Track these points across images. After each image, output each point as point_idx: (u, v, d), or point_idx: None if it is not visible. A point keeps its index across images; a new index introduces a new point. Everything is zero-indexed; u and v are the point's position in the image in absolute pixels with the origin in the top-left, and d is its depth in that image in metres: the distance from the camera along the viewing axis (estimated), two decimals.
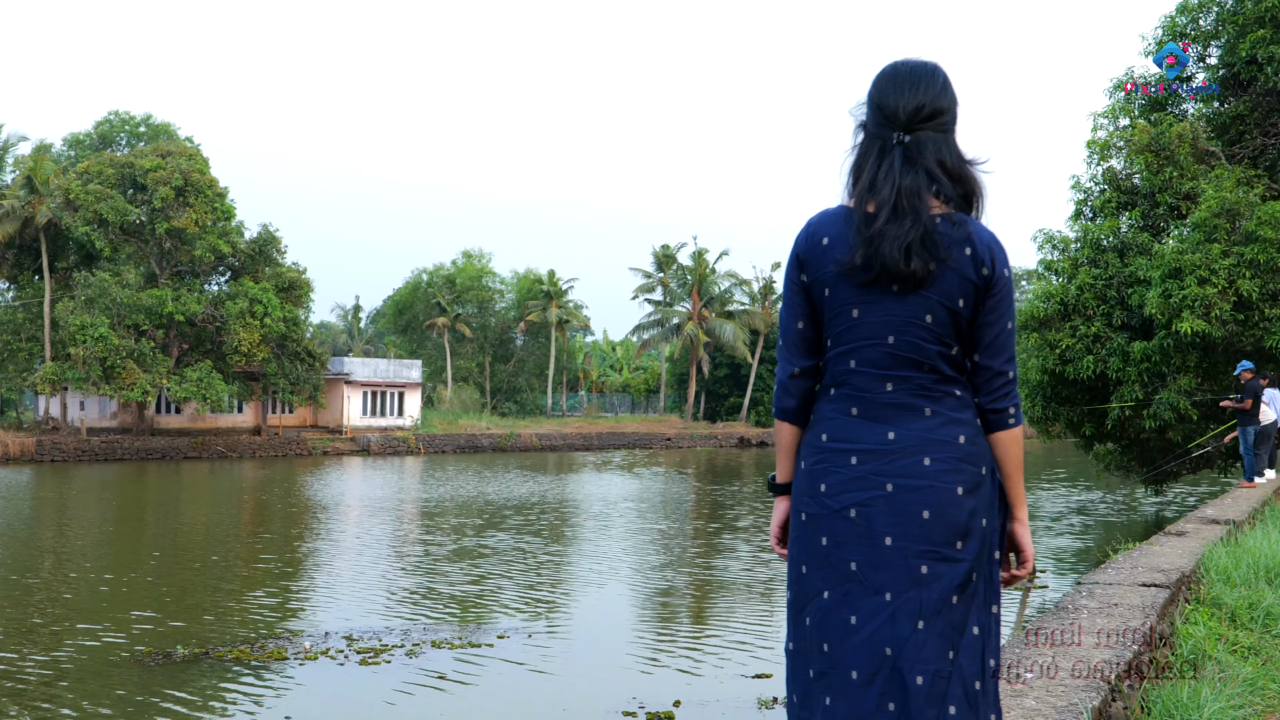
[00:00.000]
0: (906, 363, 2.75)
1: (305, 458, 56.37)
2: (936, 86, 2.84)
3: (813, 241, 2.83)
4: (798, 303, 2.88)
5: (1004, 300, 2.79)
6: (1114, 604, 7.21)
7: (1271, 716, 6.40)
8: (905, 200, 2.71)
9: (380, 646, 13.39)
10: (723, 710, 10.70)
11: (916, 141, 2.78)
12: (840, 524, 2.74)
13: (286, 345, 57.12)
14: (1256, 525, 13.52)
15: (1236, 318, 21.07)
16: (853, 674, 2.68)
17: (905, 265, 2.68)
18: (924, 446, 2.73)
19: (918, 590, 2.68)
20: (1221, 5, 25.81)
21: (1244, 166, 23.96)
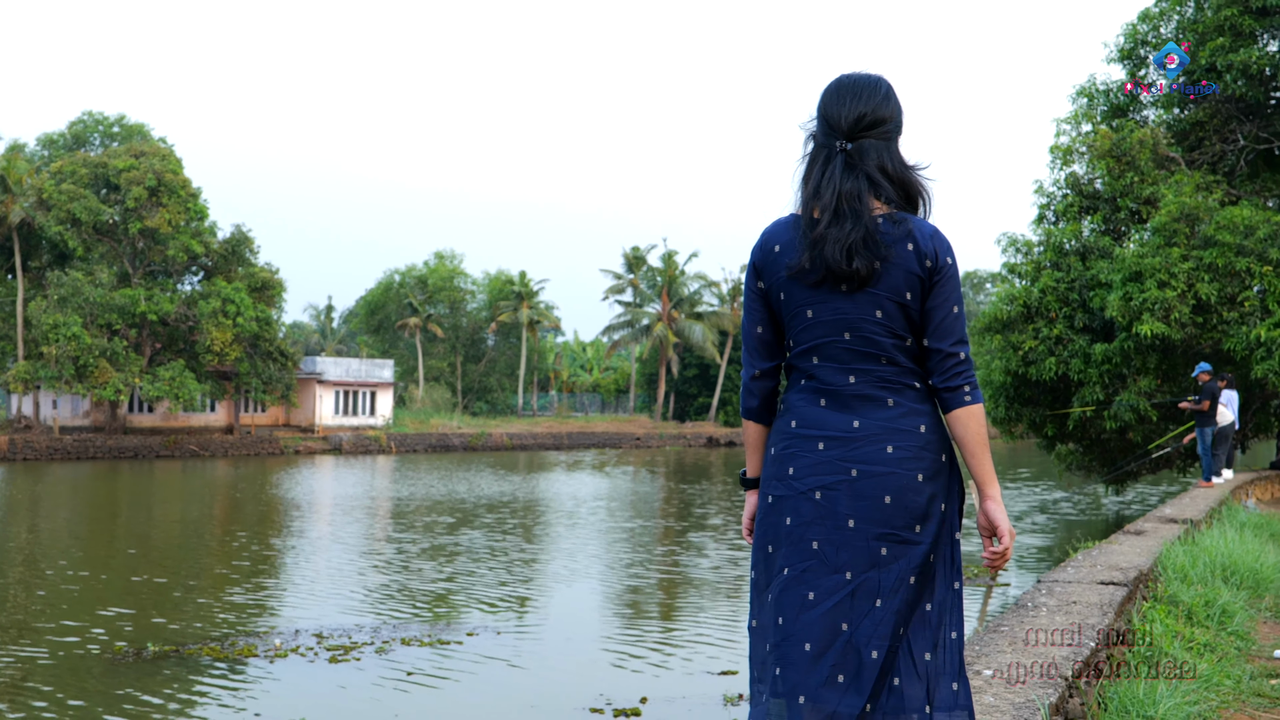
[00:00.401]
0: (864, 356, 2.91)
1: (277, 456, 56.11)
2: (878, 97, 2.99)
3: (766, 249, 3.00)
4: (756, 309, 3.05)
5: (949, 286, 2.91)
6: (1073, 602, 7.26)
7: (1226, 712, 6.46)
8: (846, 203, 2.86)
9: (350, 644, 13.34)
10: (689, 707, 10.71)
11: (859, 149, 2.93)
12: (805, 504, 2.89)
13: (259, 345, 56.86)
14: (1213, 524, 13.62)
15: (1195, 320, 21.22)
16: (805, 646, 2.81)
17: (847, 265, 2.83)
18: (887, 435, 2.88)
19: (877, 571, 2.83)
20: (1182, 14, 25.97)
21: (1203, 172, 24.13)
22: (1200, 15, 25.25)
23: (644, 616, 16.11)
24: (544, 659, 12.98)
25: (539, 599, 17.15)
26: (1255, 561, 10.84)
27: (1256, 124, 25.14)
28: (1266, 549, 12.04)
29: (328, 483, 40.55)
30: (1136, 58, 27.36)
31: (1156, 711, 5.75)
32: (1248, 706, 6.64)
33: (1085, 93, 28.18)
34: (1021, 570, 19.26)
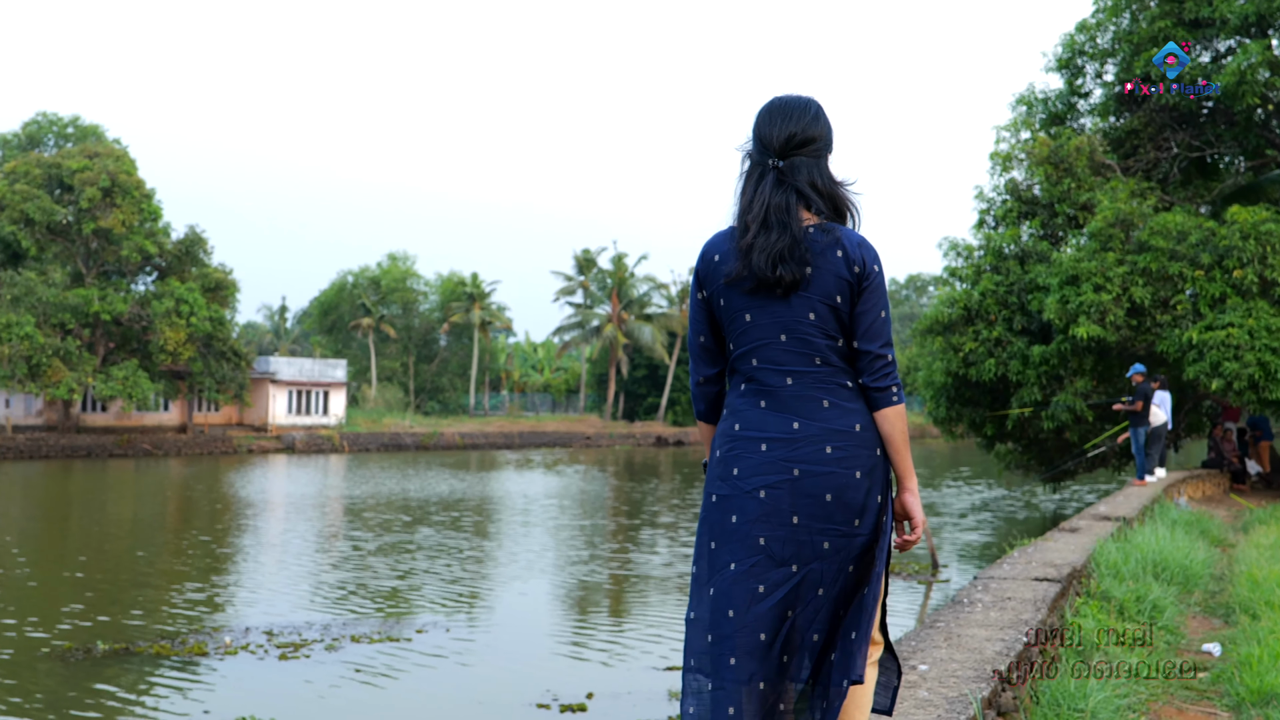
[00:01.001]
0: (800, 357, 3.07)
1: (230, 455, 55.64)
2: (808, 118, 3.17)
3: (707, 259, 3.18)
4: (699, 318, 3.23)
5: (876, 292, 3.09)
6: (1007, 598, 7.31)
7: (1156, 705, 6.52)
8: (773, 215, 3.04)
9: (300, 641, 13.25)
10: (634, 702, 10.71)
11: (790, 166, 3.12)
12: (750, 503, 3.03)
13: (212, 344, 56.32)
14: (1146, 522, 13.75)
15: (1130, 323, 21.40)
16: (761, 636, 2.96)
17: (773, 272, 3.01)
18: (826, 436, 3.05)
19: (820, 563, 3.01)
20: (1118, 25, 26.21)
21: (1138, 179, 24.34)
22: (1135, 26, 25.50)
23: (593, 613, 16.11)
24: (493, 656, 12.94)
25: (490, 596, 17.10)
26: (1186, 558, 10.96)
27: (1189, 132, 25.41)
28: (1197, 546, 12.18)
29: (281, 481, 40.25)
30: (1074, 67, 27.61)
31: (1087, 705, 5.80)
32: (1176, 699, 6.71)
33: (1024, 101, 28.40)
34: (963, 567, 19.39)
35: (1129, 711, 6.12)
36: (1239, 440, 24.44)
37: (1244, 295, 20.77)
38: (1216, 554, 12.98)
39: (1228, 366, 19.75)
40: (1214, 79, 22.68)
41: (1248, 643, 7.73)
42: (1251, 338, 19.91)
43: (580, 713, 10.38)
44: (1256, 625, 8.31)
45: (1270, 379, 19.74)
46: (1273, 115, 25.07)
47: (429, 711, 10.67)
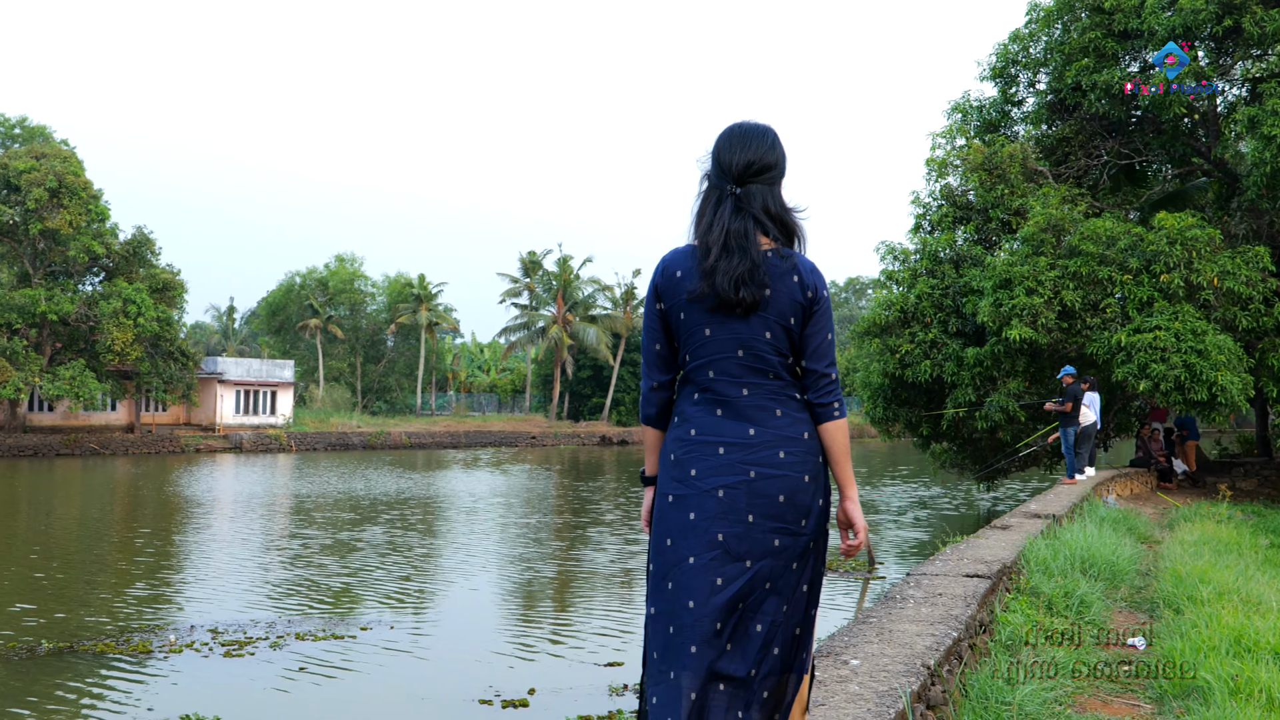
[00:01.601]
0: (755, 371, 3.25)
1: (178, 455, 55.09)
2: (765, 146, 3.34)
3: (668, 275, 3.32)
4: (656, 327, 3.37)
5: (825, 316, 3.31)
6: (939, 594, 7.35)
7: (1081, 698, 6.58)
8: (734, 240, 3.21)
9: (245, 639, 13.15)
10: (575, 697, 10.69)
11: (746, 193, 3.28)
12: (709, 501, 3.19)
13: (160, 345, 55.76)
14: (1075, 520, 13.90)
15: (1061, 326, 21.59)
16: (716, 625, 3.13)
17: (735, 294, 3.17)
18: (779, 442, 3.24)
19: (771, 559, 3.19)
20: (1050, 35, 26.45)
21: (1069, 185, 24.58)
22: (1067, 37, 25.74)
23: (537, 610, 16.05)
24: (437, 652, 12.88)
25: (435, 594, 17.00)
26: (1112, 554, 11.07)
27: (1118, 140, 25.68)
28: (1123, 542, 12.31)
29: (228, 480, 39.88)
30: (1008, 76, 27.85)
31: (1014, 698, 5.85)
32: (1101, 692, 6.77)
33: (960, 109, 28.62)
34: (900, 564, 19.49)
35: (1055, 704, 6.17)
36: (1166, 440, 24.74)
37: (1170, 299, 21.00)
38: (1143, 550, 13.13)
39: (1155, 368, 19.97)
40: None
41: (1171, 637, 7.82)
42: (1177, 340, 20.14)
43: (522, 708, 10.36)
44: (1180, 620, 8.41)
45: (1195, 380, 19.97)
46: (1199, 124, 25.39)
47: (372, 708, 10.59)
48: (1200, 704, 6.05)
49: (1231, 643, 7.33)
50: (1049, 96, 26.82)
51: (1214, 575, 10.29)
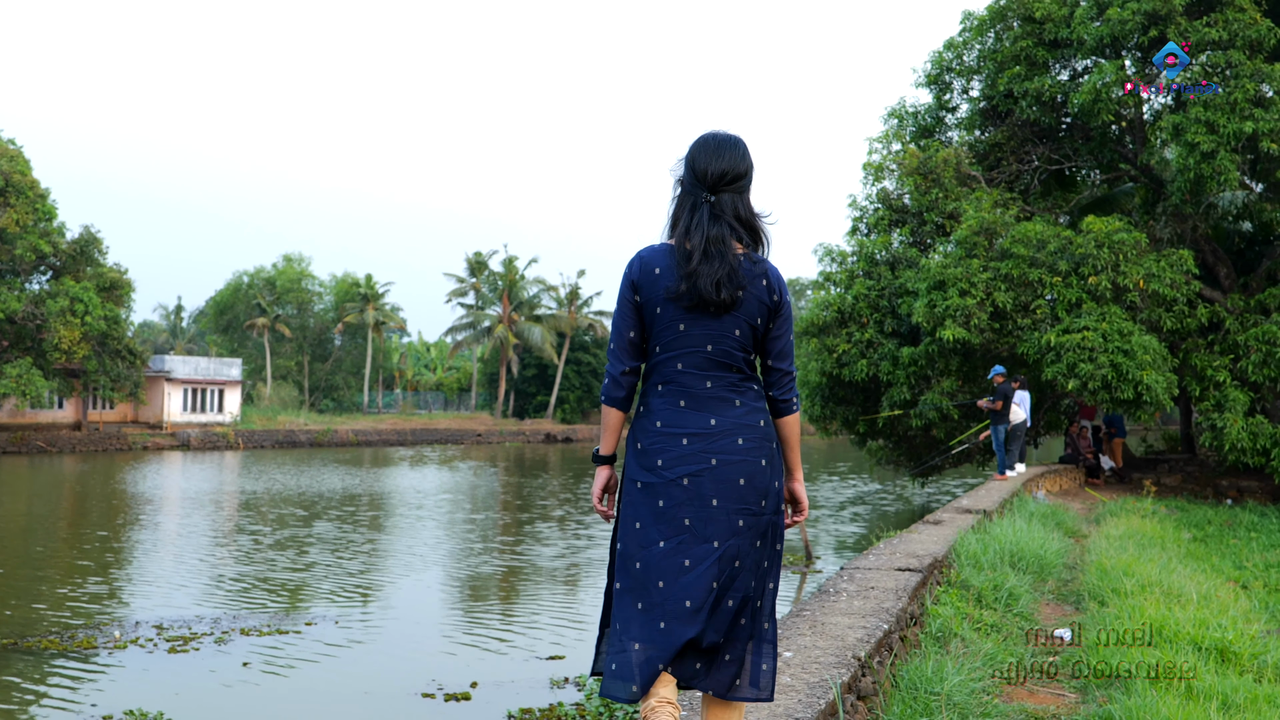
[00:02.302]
0: (720, 365, 3.47)
1: (125, 452, 54.44)
2: (738, 156, 3.54)
3: (646, 270, 3.49)
4: (632, 317, 3.54)
5: (787, 319, 3.56)
6: (871, 587, 7.39)
7: (1008, 688, 6.64)
8: (713, 246, 3.42)
9: (190, 634, 12.99)
10: (517, 690, 10.66)
11: (719, 201, 3.49)
12: (675, 490, 3.41)
13: (107, 343, 55.05)
14: (1005, 515, 14.02)
15: (993, 326, 21.76)
16: (687, 603, 3.33)
17: (716, 295, 3.38)
18: (738, 430, 3.45)
19: (736, 539, 3.40)
20: (983, 43, 26.66)
21: (1001, 190, 24.78)
22: (999, 45, 25.96)
23: (482, 605, 15.98)
24: (381, 647, 12.79)
25: (381, 589, 16.87)
26: (1041, 548, 11.19)
27: (1049, 146, 25.93)
28: (1052, 537, 12.44)
29: (176, 477, 39.43)
30: (942, 83, 28.05)
31: (943, 688, 5.89)
32: (1028, 682, 6.84)
33: (896, 114, 28.79)
34: (836, 558, 19.59)
35: (983, 694, 6.22)
36: (1094, 437, 25.01)
37: (1098, 300, 21.23)
38: (1070, 544, 13.27)
39: (1083, 368, 20.18)
40: (1074, 97, 23.17)
41: (1095, 628, 7.91)
42: (1105, 340, 20.36)
43: (464, 701, 10.31)
44: (1104, 611, 8.51)
45: (1121, 379, 20.21)
46: (1126, 131, 25.69)
47: (315, 702, 10.50)
48: (1122, 693, 6.12)
49: (1152, 633, 7.43)
50: (982, 103, 27.03)
51: (1137, 568, 10.42)
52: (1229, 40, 21.66)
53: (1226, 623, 8.00)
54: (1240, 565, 14.89)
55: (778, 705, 4.34)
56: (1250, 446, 20.98)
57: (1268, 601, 11.97)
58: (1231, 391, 21.40)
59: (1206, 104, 21.24)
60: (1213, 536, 17.66)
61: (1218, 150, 20.79)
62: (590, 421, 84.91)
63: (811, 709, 4.32)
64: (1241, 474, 24.03)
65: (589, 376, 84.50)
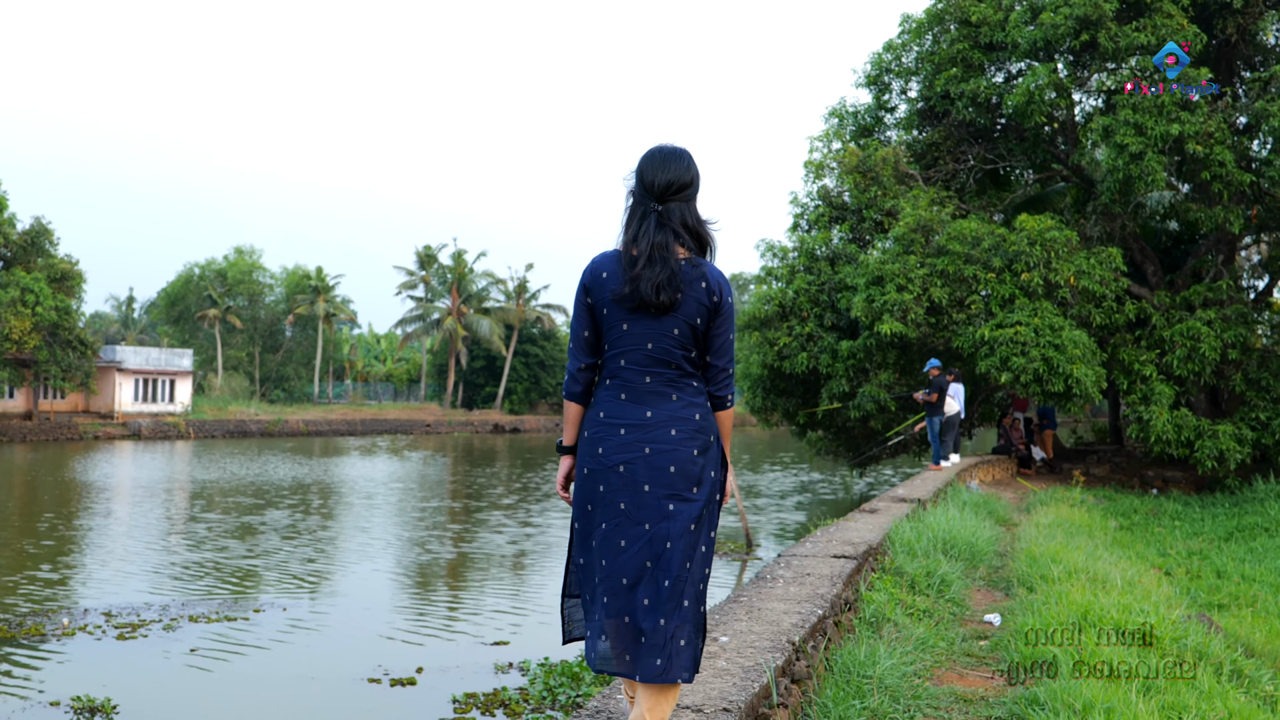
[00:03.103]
0: (659, 362, 3.64)
1: (76, 442, 53.80)
2: (682, 167, 3.71)
3: (596, 275, 3.68)
4: (585, 318, 3.73)
5: (727, 319, 3.69)
6: (807, 574, 7.41)
7: (939, 671, 6.69)
8: (656, 252, 3.58)
9: (138, 622, 12.85)
10: (462, 675, 10.62)
11: (667, 210, 3.65)
12: (613, 476, 3.60)
13: (58, 333, 54.36)
14: (939, 504, 14.10)
15: (929, 321, 21.89)
16: (623, 580, 3.54)
17: (656, 298, 3.55)
18: (671, 422, 3.62)
19: (667, 522, 3.56)
20: (921, 46, 26.80)
21: (937, 188, 24.92)
22: (936, 48, 26.12)
23: (430, 592, 15.90)
24: (329, 634, 12.71)
25: (331, 577, 16.75)
26: (973, 536, 11.27)
27: (984, 146, 26.11)
28: (984, 525, 12.54)
29: (126, 467, 39.00)
30: (882, 84, 28.18)
31: (875, 672, 5.93)
32: (958, 665, 6.89)
33: (836, 114, 28.89)
34: (777, 545, 19.65)
35: (914, 678, 6.26)
36: (1026, 429, 25.24)
37: (1030, 296, 21.42)
38: (1001, 532, 13.39)
39: (1015, 361, 20.35)
40: (1008, 98, 23.35)
41: (1024, 613, 7.98)
42: (1036, 335, 20.55)
43: (409, 686, 10.27)
44: (1032, 597, 8.59)
45: (1052, 373, 20.40)
46: (1058, 132, 25.92)
47: (261, 688, 10.41)
48: (1049, 676, 6.18)
49: (1078, 618, 7.50)
50: (920, 104, 27.18)
51: (1065, 556, 10.53)
52: (1157, 44, 21.89)
53: (1149, 608, 8.09)
54: (1164, 553, 15.10)
55: (713, 689, 4.35)
56: (1175, 438, 21.24)
57: (1189, 587, 12.14)
58: (1157, 385, 21.65)
59: (1135, 106, 21.48)
60: (1138, 525, 17.89)
61: (1146, 152, 21.03)
62: (538, 413, 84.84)
63: (746, 692, 4.33)
64: (1166, 465, 24.34)
65: (536, 368, 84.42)
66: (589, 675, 10.18)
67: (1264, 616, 10.69)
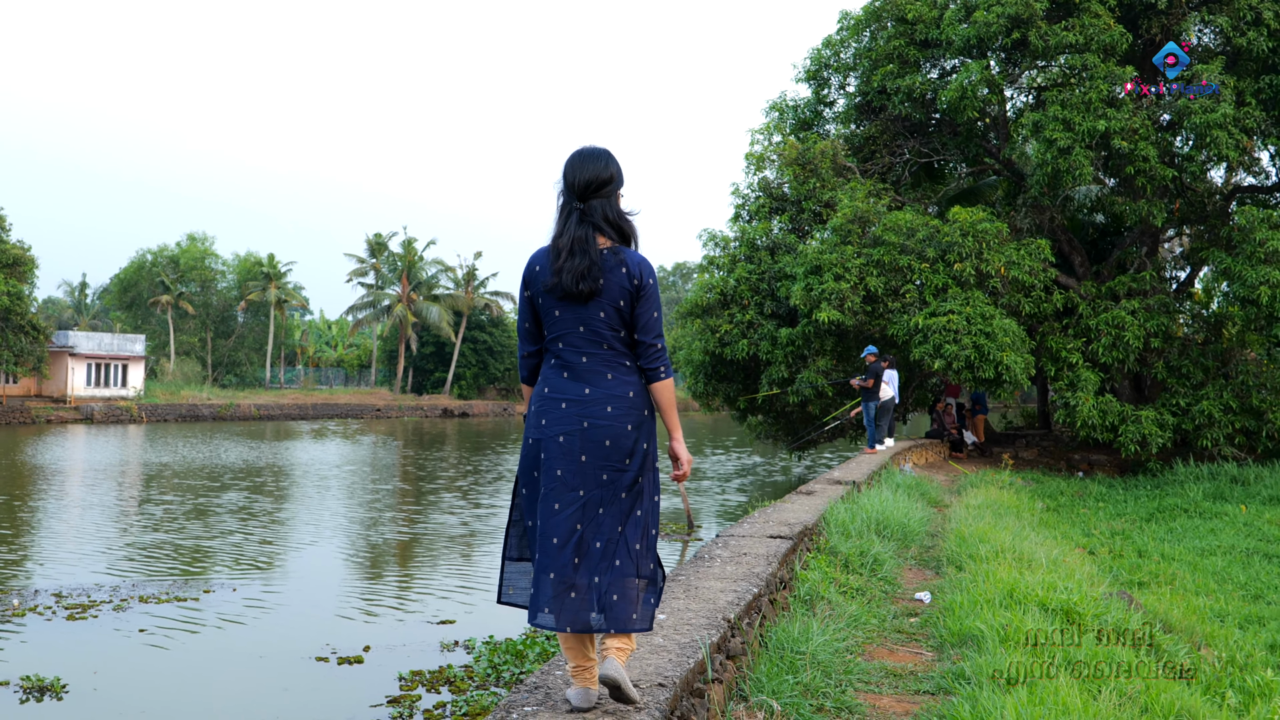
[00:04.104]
0: (592, 343, 3.88)
1: (29, 425, 53.00)
2: (601, 166, 3.94)
3: (531, 269, 3.96)
4: (526, 310, 4.02)
5: (650, 298, 3.92)
6: (744, 553, 7.44)
7: (870, 646, 6.75)
8: (577, 245, 3.83)
9: (89, 602, 12.67)
10: (408, 654, 10.57)
11: (589, 207, 3.90)
12: (553, 446, 3.83)
13: (10, 319, 53.46)
14: (874, 486, 14.21)
15: (865, 309, 22.02)
16: (554, 540, 3.75)
17: (576, 287, 3.81)
18: (607, 399, 3.86)
19: (600, 490, 3.80)
20: (859, 42, 26.91)
21: (874, 180, 25.05)
22: (874, 44, 26.23)
23: (380, 572, 15.78)
24: (278, 614, 12.59)
25: (281, 558, 16.59)
26: (905, 517, 11.37)
27: (919, 140, 26.27)
28: (916, 506, 12.65)
29: (79, 450, 38.47)
30: (821, 79, 28.27)
31: (809, 647, 5.96)
32: (889, 641, 6.95)
33: (777, 108, 28.95)
34: (719, 526, 19.69)
35: (846, 653, 6.31)
36: (958, 414, 25.47)
37: (963, 286, 21.59)
38: (933, 513, 13.51)
39: (948, 349, 20.51)
40: (942, 94, 23.49)
41: (952, 591, 8.06)
42: (968, 324, 20.73)
43: (357, 664, 10.21)
44: (960, 575, 8.67)
45: (983, 360, 20.58)
46: (990, 128, 26.12)
47: (211, 667, 10.30)
48: (974, 651, 6.25)
49: (1004, 595, 7.58)
50: (857, 99, 27.31)
51: (993, 536, 10.64)
52: (1085, 44, 22.12)
53: (1073, 586, 8.20)
54: (1088, 533, 15.30)
55: (649, 664, 4.35)
56: (1100, 423, 21.51)
57: (1111, 566, 12.31)
58: (1084, 372, 21.90)
59: (1064, 103, 21.69)
60: (1064, 506, 18.11)
61: (1074, 147, 21.25)
62: (486, 397, 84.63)
63: (681, 668, 4.34)
64: (1092, 448, 24.64)
65: (485, 354, 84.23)
66: (532, 653, 10.18)
67: (1182, 594, 10.87)
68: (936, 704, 5.39)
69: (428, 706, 8.87)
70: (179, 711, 8.97)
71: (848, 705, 5.36)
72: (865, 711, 5.32)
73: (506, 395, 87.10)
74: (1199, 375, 22.66)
